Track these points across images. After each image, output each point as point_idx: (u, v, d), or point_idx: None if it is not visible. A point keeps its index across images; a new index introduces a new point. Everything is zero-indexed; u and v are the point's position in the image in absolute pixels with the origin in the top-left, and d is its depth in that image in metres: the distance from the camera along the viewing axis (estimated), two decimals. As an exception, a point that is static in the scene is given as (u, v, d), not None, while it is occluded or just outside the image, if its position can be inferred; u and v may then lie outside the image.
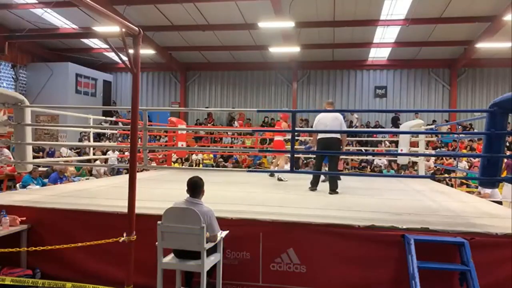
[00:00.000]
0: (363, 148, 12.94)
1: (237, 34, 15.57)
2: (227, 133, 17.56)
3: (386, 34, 15.09)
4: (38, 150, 13.92)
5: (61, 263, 4.19)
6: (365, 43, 15.99)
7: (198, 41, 16.56)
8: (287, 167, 8.84)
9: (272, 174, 7.88)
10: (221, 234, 3.59)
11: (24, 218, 4.28)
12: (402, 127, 9.69)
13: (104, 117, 13.06)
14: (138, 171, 4.99)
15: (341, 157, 9.64)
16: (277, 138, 8.03)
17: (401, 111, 19.25)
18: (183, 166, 12.37)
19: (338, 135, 5.94)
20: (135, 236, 3.46)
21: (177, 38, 16.46)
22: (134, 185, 3.56)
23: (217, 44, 16.71)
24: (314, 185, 6.17)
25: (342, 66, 18.60)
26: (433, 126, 12.13)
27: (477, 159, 11.58)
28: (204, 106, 19.87)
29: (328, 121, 5.99)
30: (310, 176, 7.98)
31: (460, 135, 10.90)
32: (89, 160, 8.89)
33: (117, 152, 12.76)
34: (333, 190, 5.83)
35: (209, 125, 18.69)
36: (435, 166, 11.23)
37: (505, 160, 7.46)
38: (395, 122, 16.56)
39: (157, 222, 3.40)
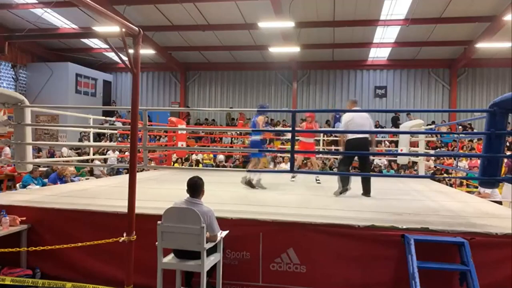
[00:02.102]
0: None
1: (237, 34, 15.56)
2: (226, 133, 17.55)
3: (386, 34, 15.08)
4: (37, 150, 13.92)
5: (61, 263, 4.19)
6: (365, 43, 15.99)
7: (198, 41, 16.56)
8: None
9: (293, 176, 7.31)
10: (221, 234, 3.59)
11: (24, 218, 4.29)
12: (402, 127, 9.69)
13: (104, 117, 13.06)
14: (138, 171, 4.98)
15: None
16: (306, 140, 7.30)
17: (401, 111, 19.24)
18: (183, 166, 12.36)
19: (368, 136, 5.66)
20: (135, 236, 3.46)
21: (177, 38, 16.46)
22: (134, 185, 3.55)
23: (217, 44, 16.71)
24: (346, 186, 5.59)
25: (342, 66, 18.59)
26: (432, 126, 12.13)
27: (474, 161, 11.59)
28: (204, 106, 19.89)
29: (365, 121, 5.66)
30: (311, 177, 7.97)
31: (460, 135, 10.89)
32: (88, 160, 8.90)
33: (117, 152, 12.75)
34: (367, 191, 5.58)
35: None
36: (435, 166, 11.23)
37: (505, 160, 7.46)
38: (395, 122, 16.56)
39: (157, 222, 3.40)
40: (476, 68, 17.49)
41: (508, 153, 10.33)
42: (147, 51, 16.05)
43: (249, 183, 6.26)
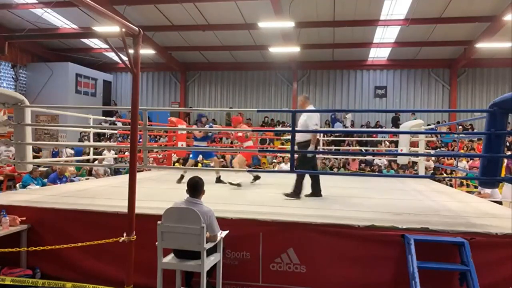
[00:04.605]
0: (363, 148, 12.95)
1: (237, 34, 15.57)
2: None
3: (386, 34, 15.10)
4: (37, 150, 13.91)
5: (61, 263, 4.19)
6: (365, 43, 16.00)
7: (198, 41, 16.57)
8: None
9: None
10: (221, 234, 3.59)
11: (24, 218, 4.28)
12: (402, 127, 9.69)
13: (104, 117, 13.05)
14: (138, 171, 4.98)
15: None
16: (249, 143, 7.04)
17: (401, 111, 19.28)
18: (183, 166, 12.33)
19: None
20: (135, 236, 3.46)
21: (177, 38, 16.46)
22: (134, 185, 3.55)
23: (217, 44, 16.71)
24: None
25: (342, 66, 18.60)
26: (433, 126, 12.13)
27: (477, 161, 11.57)
28: (204, 106, 19.89)
29: None
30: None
31: (460, 135, 10.89)
32: (88, 160, 8.89)
33: (112, 152, 12.69)
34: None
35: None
36: (435, 166, 11.23)
37: (505, 161, 7.46)
38: (395, 122, 16.57)
39: (157, 222, 3.40)
40: (476, 68, 17.50)
41: (508, 153, 10.34)
42: (147, 51, 16.05)
43: (219, 180, 7.12)
